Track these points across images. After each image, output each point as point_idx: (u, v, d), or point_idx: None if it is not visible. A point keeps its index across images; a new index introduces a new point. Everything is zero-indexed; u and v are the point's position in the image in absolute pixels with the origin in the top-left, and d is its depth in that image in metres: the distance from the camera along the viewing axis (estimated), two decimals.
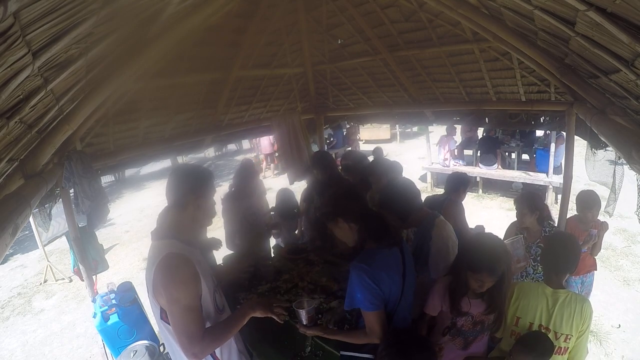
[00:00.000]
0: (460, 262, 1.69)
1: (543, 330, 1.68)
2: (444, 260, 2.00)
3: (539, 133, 7.81)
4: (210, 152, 15.54)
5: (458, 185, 3.07)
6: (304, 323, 1.73)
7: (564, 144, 6.07)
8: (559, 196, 4.44)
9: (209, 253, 2.54)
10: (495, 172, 7.52)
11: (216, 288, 1.59)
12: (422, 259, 2.06)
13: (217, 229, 3.08)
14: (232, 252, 3.14)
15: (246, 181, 3.21)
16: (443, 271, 2.01)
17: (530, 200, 2.64)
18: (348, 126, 10.73)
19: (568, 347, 1.67)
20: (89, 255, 2.91)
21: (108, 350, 2.85)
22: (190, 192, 1.43)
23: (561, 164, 6.54)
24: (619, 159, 2.55)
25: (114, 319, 2.74)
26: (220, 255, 2.80)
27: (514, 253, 1.79)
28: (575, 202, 2.96)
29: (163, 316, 1.38)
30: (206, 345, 1.35)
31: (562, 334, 1.66)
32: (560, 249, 1.75)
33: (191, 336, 1.31)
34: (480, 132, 8.88)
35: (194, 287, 1.36)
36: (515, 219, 2.85)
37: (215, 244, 2.50)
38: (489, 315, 1.69)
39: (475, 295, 1.69)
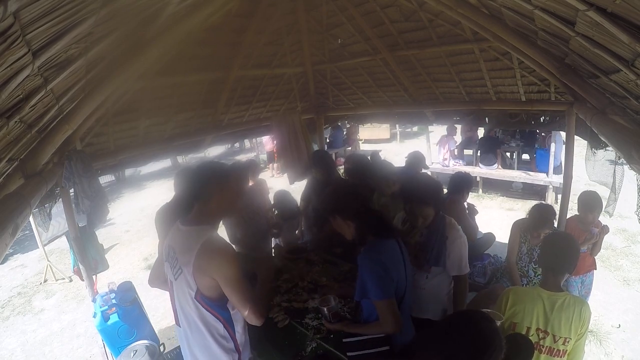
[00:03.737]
0: None
1: (541, 334, 1.66)
2: (463, 259, 2.06)
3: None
4: (210, 152, 15.51)
5: (461, 185, 3.08)
6: (329, 320, 1.84)
7: (555, 143, 6.16)
8: (559, 196, 4.44)
9: None
10: (495, 172, 7.52)
11: None
12: (433, 259, 2.07)
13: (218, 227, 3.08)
14: (235, 249, 3.14)
15: (242, 180, 3.21)
16: (463, 269, 2.06)
17: (551, 218, 2.67)
18: (348, 126, 10.72)
19: (567, 350, 1.66)
20: (89, 255, 2.91)
21: (108, 350, 2.84)
22: (215, 184, 1.55)
23: (561, 163, 6.56)
24: (619, 159, 2.54)
25: (114, 318, 2.74)
26: None
27: None
28: (576, 202, 2.96)
29: (197, 296, 1.49)
30: (264, 306, 1.60)
31: (560, 337, 1.64)
32: (559, 249, 1.72)
33: (254, 301, 1.51)
34: (480, 132, 8.87)
35: (239, 263, 1.50)
36: (518, 218, 2.86)
37: None
38: None
39: None
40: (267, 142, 10.91)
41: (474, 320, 1.11)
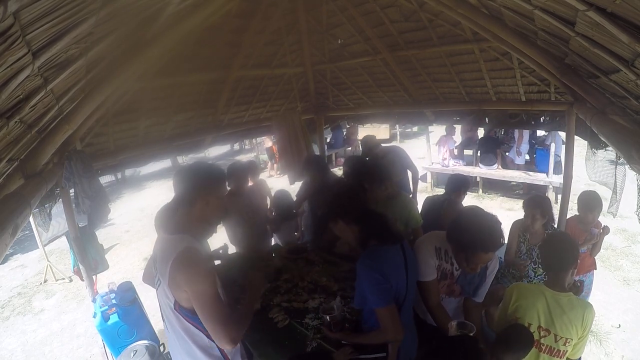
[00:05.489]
0: None
1: (542, 332, 1.66)
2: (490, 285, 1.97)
3: (539, 133, 7.81)
4: (210, 152, 15.51)
5: (459, 186, 3.08)
6: (331, 328, 1.81)
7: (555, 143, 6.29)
8: (559, 196, 4.44)
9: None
10: (495, 172, 7.52)
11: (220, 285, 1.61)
12: (472, 292, 1.96)
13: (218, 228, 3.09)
14: (236, 249, 3.15)
15: (241, 180, 3.22)
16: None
17: (543, 206, 2.63)
18: (348, 126, 10.72)
19: (567, 351, 1.66)
20: (89, 255, 2.91)
21: (108, 350, 2.85)
22: (200, 189, 1.45)
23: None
24: (619, 159, 2.54)
25: (114, 318, 2.74)
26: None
27: None
28: (576, 202, 2.96)
29: (176, 307, 1.42)
30: (240, 329, 1.43)
31: (562, 337, 1.64)
32: (555, 248, 1.74)
33: (225, 323, 1.37)
34: (480, 132, 8.86)
35: (214, 278, 1.42)
36: (517, 218, 2.85)
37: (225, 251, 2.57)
38: None
39: None
40: (266, 140, 10.92)
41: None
